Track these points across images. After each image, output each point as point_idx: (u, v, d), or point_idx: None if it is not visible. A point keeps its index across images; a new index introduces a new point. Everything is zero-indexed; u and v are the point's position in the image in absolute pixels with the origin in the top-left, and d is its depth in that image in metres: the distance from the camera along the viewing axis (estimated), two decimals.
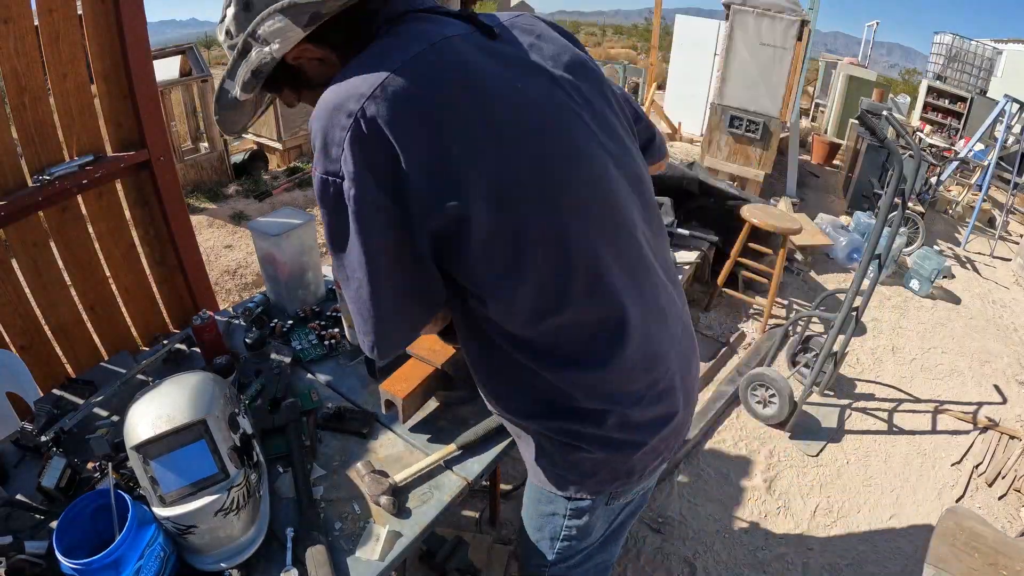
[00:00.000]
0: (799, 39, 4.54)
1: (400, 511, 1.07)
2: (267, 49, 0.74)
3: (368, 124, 0.65)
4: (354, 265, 0.73)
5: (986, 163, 5.48)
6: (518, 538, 1.18)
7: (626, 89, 10.42)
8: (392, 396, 1.21)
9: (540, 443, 0.94)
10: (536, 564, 1.11)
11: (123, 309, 1.76)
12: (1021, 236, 5.43)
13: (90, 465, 1.10)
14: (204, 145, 4.77)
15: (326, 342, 1.51)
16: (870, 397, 3.01)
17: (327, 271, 1.79)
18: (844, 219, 4.82)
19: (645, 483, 1.01)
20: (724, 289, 3.55)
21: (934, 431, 2.81)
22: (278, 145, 5.22)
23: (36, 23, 1.39)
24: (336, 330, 1.55)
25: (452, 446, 1.20)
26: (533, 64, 0.78)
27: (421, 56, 0.69)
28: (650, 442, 0.90)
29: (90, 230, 1.64)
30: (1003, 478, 2.50)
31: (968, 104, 7.69)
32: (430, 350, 1.29)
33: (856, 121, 5.71)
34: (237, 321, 1.60)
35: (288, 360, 1.43)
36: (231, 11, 0.76)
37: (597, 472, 0.92)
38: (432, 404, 1.34)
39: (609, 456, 0.90)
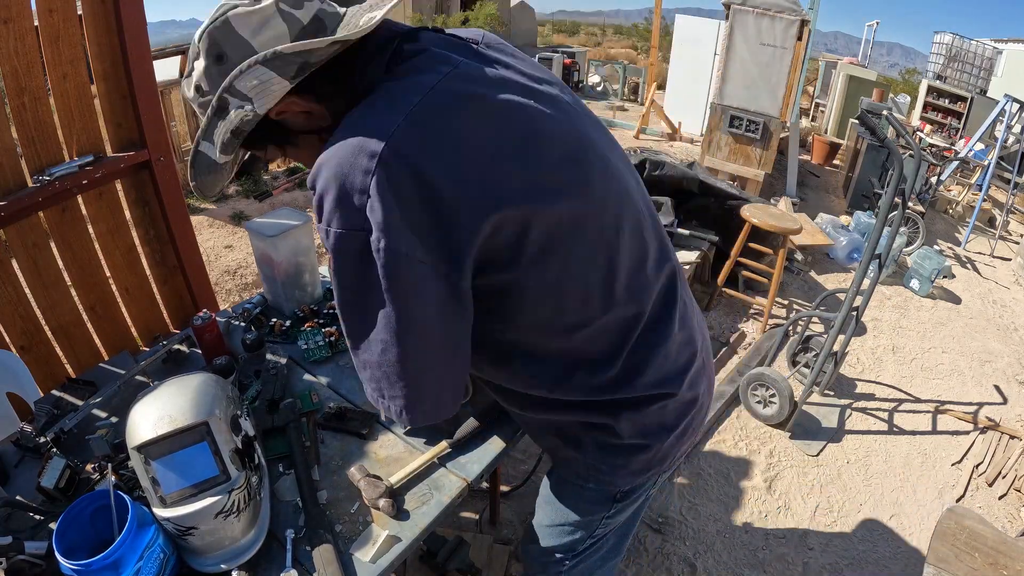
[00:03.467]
0: (799, 39, 4.54)
1: (399, 513, 1.07)
2: (248, 107, 0.66)
3: (398, 161, 0.61)
4: (379, 326, 0.67)
5: (986, 163, 5.48)
6: (527, 541, 1.18)
7: (626, 89, 10.47)
8: None
9: (585, 437, 0.91)
10: (552, 563, 1.13)
11: (123, 309, 1.76)
12: (1021, 236, 5.43)
13: (90, 466, 1.10)
14: None
15: (328, 339, 1.51)
16: (870, 397, 3.01)
17: (324, 272, 1.79)
18: (844, 219, 4.81)
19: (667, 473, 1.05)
20: (724, 289, 3.55)
21: (934, 431, 2.81)
22: None
23: (36, 23, 1.39)
24: (334, 327, 1.55)
25: (444, 443, 1.20)
26: (528, 75, 0.78)
27: (435, 91, 0.66)
28: (682, 424, 0.93)
29: (90, 230, 1.64)
30: (1003, 478, 2.50)
31: (968, 104, 7.69)
32: None
33: (856, 121, 5.71)
34: (237, 322, 1.60)
35: (284, 360, 1.43)
36: (200, 64, 0.68)
37: (647, 456, 0.92)
38: None
39: (655, 438, 0.91)
